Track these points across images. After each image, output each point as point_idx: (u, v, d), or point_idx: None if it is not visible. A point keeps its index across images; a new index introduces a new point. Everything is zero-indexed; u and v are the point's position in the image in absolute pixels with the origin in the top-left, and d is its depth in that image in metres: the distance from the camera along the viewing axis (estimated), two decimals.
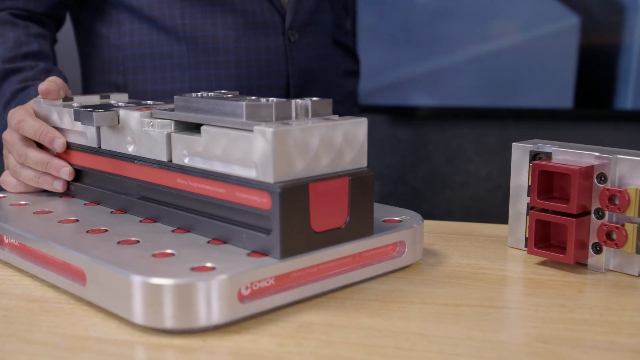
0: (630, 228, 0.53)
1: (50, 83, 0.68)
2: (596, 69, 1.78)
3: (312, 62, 0.99)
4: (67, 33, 1.05)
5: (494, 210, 1.92)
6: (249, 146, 0.48)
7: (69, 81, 0.89)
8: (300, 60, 0.97)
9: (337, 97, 1.18)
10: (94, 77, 0.97)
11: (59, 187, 0.66)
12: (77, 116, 0.61)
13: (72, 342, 0.43)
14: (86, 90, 1.00)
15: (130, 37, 0.92)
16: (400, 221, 0.57)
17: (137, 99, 0.92)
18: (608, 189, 0.53)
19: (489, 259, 0.59)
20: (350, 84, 1.25)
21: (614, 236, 0.53)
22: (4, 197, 0.67)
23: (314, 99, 0.52)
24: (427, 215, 1.60)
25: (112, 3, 0.92)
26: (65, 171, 0.65)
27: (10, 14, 0.87)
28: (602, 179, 0.54)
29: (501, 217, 0.63)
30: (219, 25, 0.91)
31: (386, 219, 0.57)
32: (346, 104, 1.22)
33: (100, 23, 0.94)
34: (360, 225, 0.51)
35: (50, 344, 0.43)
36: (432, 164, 1.98)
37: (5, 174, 0.70)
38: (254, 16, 0.92)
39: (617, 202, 0.53)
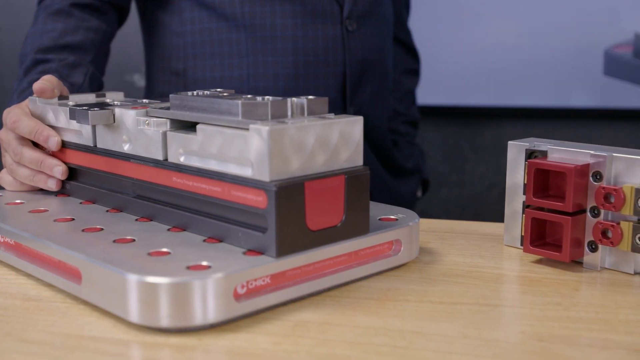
0: (625, 226, 0.53)
1: (45, 82, 0.68)
2: (590, 67, 1.78)
3: (370, 53, 0.99)
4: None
5: (489, 208, 1.92)
6: (244, 145, 0.48)
7: (105, 74, 0.92)
8: (358, 50, 0.97)
9: (396, 94, 1.18)
10: (156, 64, 1.00)
11: (52, 185, 0.66)
12: (73, 115, 0.61)
13: (67, 341, 0.43)
14: (149, 77, 1.03)
15: (190, 25, 0.94)
16: (396, 219, 0.57)
17: (197, 85, 0.95)
18: (604, 187, 0.53)
19: (485, 257, 0.59)
20: (410, 83, 1.24)
21: (610, 234, 0.54)
22: (0, 195, 0.67)
23: (310, 97, 0.52)
24: (423, 214, 1.60)
25: None
26: (59, 170, 0.65)
27: (71, 4, 0.89)
28: (598, 177, 0.54)
29: (497, 215, 0.63)
30: (277, 13, 0.92)
31: (382, 217, 0.57)
32: (405, 102, 1.21)
33: (163, 12, 0.96)
34: (356, 223, 0.51)
35: (46, 343, 0.43)
36: (428, 162, 1.98)
37: (3, 172, 0.70)
38: (312, 5, 0.93)
39: (612, 200, 0.53)
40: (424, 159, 1.22)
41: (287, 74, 0.93)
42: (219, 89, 0.60)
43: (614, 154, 0.53)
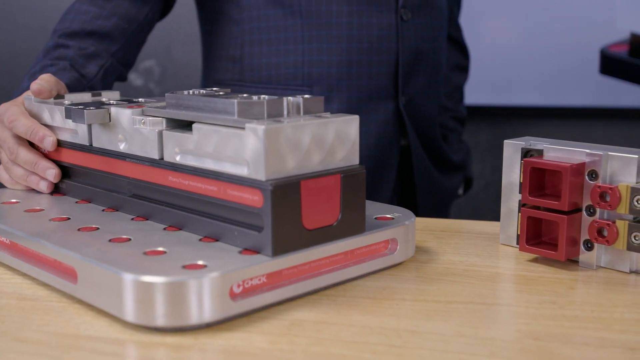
0: (621, 225, 0.53)
1: (42, 83, 0.68)
2: (586, 66, 1.78)
3: (423, 43, 1.00)
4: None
5: (486, 207, 1.92)
6: (240, 144, 0.48)
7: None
8: (411, 39, 0.98)
9: (445, 90, 1.17)
10: (214, 52, 1.01)
11: (44, 188, 0.67)
12: (69, 114, 0.61)
13: (63, 341, 0.43)
14: (206, 66, 1.04)
15: (248, 12, 0.95)
16: (393, 218, 0.57)
17: (252, 71, 0.96)
18: (599, 186, 0.53)
19: (481, 256, 0.59)
20: (460, 79, 1.25)
21: (605, 233, 0.54)
22: None
23: (306, 96, 0.52)
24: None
25: None
26: (52, 173, 0.66)
27: None
28: (594, 176, 0.54)
29: (494, 214, 0.63)
30: (333, 0, 0.93)
31: (378, 216, 0.57)
32: (454, 98, 1.22)
33: (221, 1, 0.98)
34: (352, 222, 0.51)
35: (41, 342, 0.43)
36: None
37: (0, 169, 0.70)
38: None
39: (608, 199, 0.53)
40: (469, 157, 1.23)
41: (340, 60, 0.94)
42: (214, 88, 0.60)
43: (610, 153, 0.53)
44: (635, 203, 0.52)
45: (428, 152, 1.06)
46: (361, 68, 0.95)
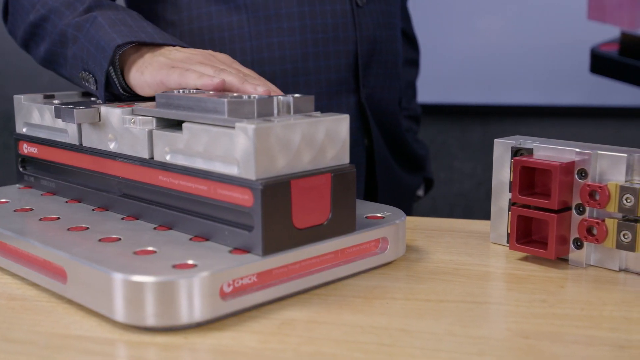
0: (610, 223, 0.53)
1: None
2: (577, 65, 1.79)
3: (380, 30, 0.93)
4: None
5: (478, 206, 1.93)
6: (230, 143, 0.48)
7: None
8: (368, 26, 0.91)
9: (400, 84, 1.08)
10: None
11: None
12: (58, 113, 0.61)
13: (52, 341, 0.43)
14: None
15: (187, 11, 0.86)
16: (383, 217, 0.57)
17: None
18: (589, 185, 0.53)
19: (472, 254, 0.59)
20: (411, 74, 1.17)
21: (595, 231, 0.54)
22: None
23: (296, 95, 0.52)
24: (412, 211, 1.60)
25: None
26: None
27: None
28: (583, 174, 0.54)
29: (485, 213, 0.63)
30: None
31: (369, 215, 0.57)
32: (406, 96, 1.14)
33: (154, 2, 0.89)
34: (342, 221, 0.51)
35: (31, 342, 0.43)
36: None
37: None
38: None
39: (597, 197, 0.53)
40: (429, 157, 1.17)
41: (294, 54, 0.86)
42: None
43: (599, 152, 0.54)
44: (625, 201, 0.52)
45: (389, 147, 0.99)
46: (318, 61, 0.87)
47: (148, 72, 0.63)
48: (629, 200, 0.52)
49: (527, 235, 0.58)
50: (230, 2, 0.85)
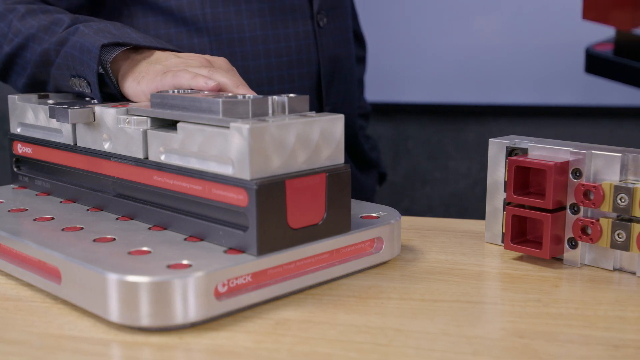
0: (604, 223, 0.53)
1: None
2: (572, 65, 1.79)
3: (339, 48, 0.94)
4: None
5: (473, 205, 1.93)
6: (225, 143, 0.48)
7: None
8: (330, 46, 0.92)
9: (357, 95, 1.10)
10: None
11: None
12: (52, 113, 0.61)
13: (47, 341, 0.43)
14: None
15: (144, 33, 0.81)
16: (378, 217, 0.57)
17: None
18: (583, 184, 0.53)
19: (467, 254, 0.59)
20: (359, 72, 1.17)
21: (589, 231, 0.54)
22: None
23: (291, 95, 0.52)
24: (407, 211, 1.60)
25: None
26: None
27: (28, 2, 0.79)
28: (577, 174, 0.54)
29: (481, 212, 0.63)
30: (243, 12, 0.84)
31: (364, 215, 0.57)
32: (358, 91, 1.14)
33: (111, 20, 0.84)
34: (337, 221, 0.51)
35: (25, 342, 0.43)
36: (412, 160, 1.99)
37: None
38: (281, 0, 0.87)
39: (592, 197, 0.53)
40: (379, 152, 1.18)
41: (260, 78, 0.85)
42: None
43: (593, 151, 0.54)
44: (619, 201, 0.52)
45: (350, 155, 1.01)
46: (283, 84, 0.87)
47: (145, 82, 0.64)
48: (623, 200, 0.52)
49: (521, 234, 0.58)
50: (191, 24, 0.83)
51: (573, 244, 0.55)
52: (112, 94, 0.68)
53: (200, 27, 0.83)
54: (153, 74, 0.64)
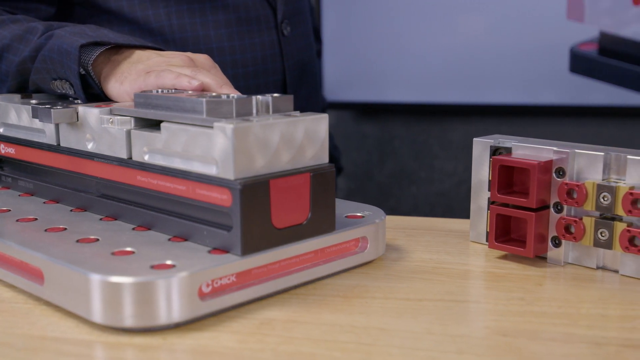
0: (587, 221, 0.53)
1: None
2: (556, 65, 1.80)
3: (303, 55, 0.95)
4: None
5: (459, 205, 1.93)
6: (209, 143, 0.48)
7: None
8: (294, 54, 0.92)
9: (321, 96, 1.12)
10: None
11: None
12: (35, 113, 0.60)
13: (29, 342, 0.43)
14: None
15: None
16: (363, 217, 0.57)
17: None
18: (566, 183, 0.54)
19: (451, 253, 0.59)
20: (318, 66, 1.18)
21: (573, 230, 0.54)
22: None
23: (275, 95, 0.52)
24: (393, 211, 1.61)
25: (86, 7, 0.84)
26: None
27: None
28: (561, 173, 0.54)
29: (466, 211, 0.64)
30: (209, 23, 0.84)
31: (349, 214, 0.57)
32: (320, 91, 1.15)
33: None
34: (322, 221, 0.51)
35: (8, 344, 0.43)
36: (397, 159, 1.99)
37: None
38: (246, 11, 0.87)
39: (575, 196, 0.53)
40: (338, 149, 1.17)
41: None
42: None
43: (576, 151, 0.54)
44: (602, 200, 0.52)
45: None
46: (249, 94, 0.88)
47: (127, 82, 0.63)
48: (606, 199, 0.52)
49: (506, 233, 0.58)
50: (158, 35, 0.83)
51: (556, 243, 0.56)
52: (97, 94, 0.67)
53: (167, 38, 0.83)
54: (136, 74, 0.63)
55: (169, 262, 0.45)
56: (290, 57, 0.92)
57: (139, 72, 0.63)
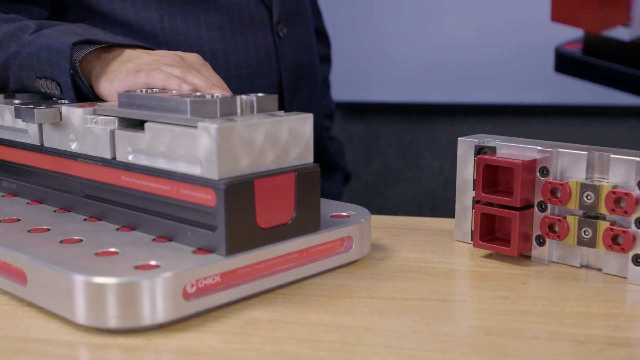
0: (571, 220, 0.54)
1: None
2: (541, 64, 1.81)
3: (302, 56, 0.93)
4: None
5: (445, 204, 1.94)
6: (193, 143, 0.47)
7: None
8: (290, 55, 0.91)
9: (322, 99, 1.09)
10: None
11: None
12: (18, 113, 0.60)
13: (12, 344, 0.43)
14: None
15: None
16: (348, 216, 0.57)
17: None
18: (550, 182, 0.54)
19: (436, 252, 0.60)
20: (324, 71, 1.16)
21: (556, 228, 0.54)
22: None
23: (259, 94, 0.52)
24: (380, 210, 1.61)
25: (79, 9, 0.84)
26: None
27: None
28: (545, 172, 0.55)
29: (453, 210, 0.64)
30: (202, 25, 0.83)
31: (334, 214, 0.57)
32: (322, 92, 1.12)
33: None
34: (307, 221, 0.51)
35: None
36: (384, 159, 2.00)
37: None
38: (240, 12, 0.86)
39: (558, 195, 0.54)
40: (344, 153, 1.17)
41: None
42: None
43: (560, 150, 0.54)
44: (585, 199, 0.53)
45: (315, 157, 1.00)
46: None
47: (117, 80, 0.63)
48: (589, 198, 0.52)
49: (490, 232, 0.58)
50: (150, 38, 0.83)
51: (541, 242, 0.56)
52: (84, 95, 0.67)
53: (160, 41, 0.83)
54: (125, 73, 0.63)
55: (153, 263, 0.45)
56: (287, 59, 0.91)
57: (129, 71, 0.63)
